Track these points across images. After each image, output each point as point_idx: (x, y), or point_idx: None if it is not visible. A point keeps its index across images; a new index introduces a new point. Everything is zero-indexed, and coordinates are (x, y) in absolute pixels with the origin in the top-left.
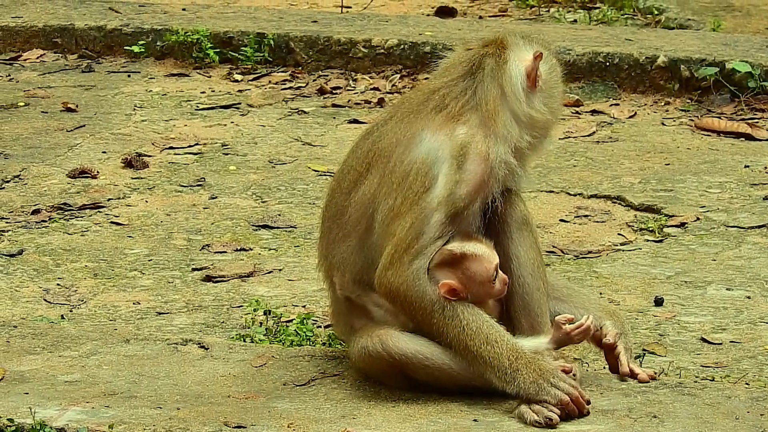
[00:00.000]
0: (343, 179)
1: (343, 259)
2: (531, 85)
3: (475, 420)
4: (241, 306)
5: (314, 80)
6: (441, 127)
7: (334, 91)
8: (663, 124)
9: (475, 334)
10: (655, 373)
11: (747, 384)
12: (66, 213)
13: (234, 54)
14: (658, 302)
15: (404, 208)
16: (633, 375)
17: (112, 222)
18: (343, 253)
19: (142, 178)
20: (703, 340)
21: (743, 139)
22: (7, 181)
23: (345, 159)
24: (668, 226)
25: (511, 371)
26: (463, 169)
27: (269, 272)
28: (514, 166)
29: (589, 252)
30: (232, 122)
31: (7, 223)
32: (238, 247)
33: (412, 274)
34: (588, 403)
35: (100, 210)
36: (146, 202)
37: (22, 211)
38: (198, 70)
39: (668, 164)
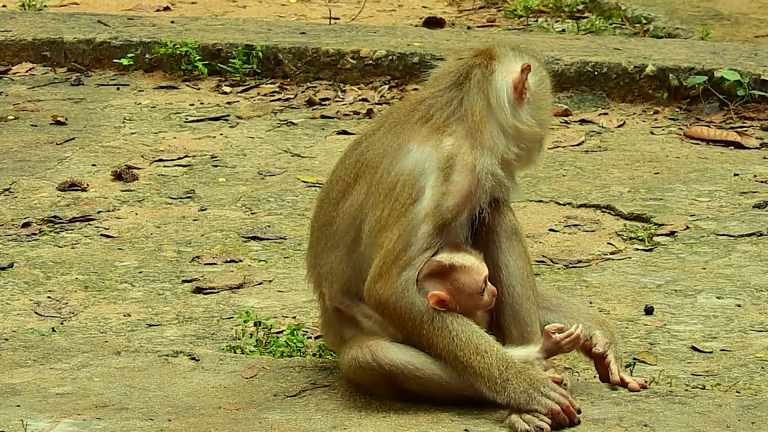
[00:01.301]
0: (331, 189)
1: (331, 269)
2: (518, 97)
3: (465, 430)
4: (232, 317)
5: (303, 92)
6: (427, 138)
7: (322, 103)
8: (652, 133)
9: (465, 344)
10: (646, 382)
11: (738, 392)
12: (56, 226)
13: (223, 66)
14: (648, 311)
15: (391, 220)
16: (624, 384)
17: (102, 234)
18: (331, 263)
19: (131, 191)
20: (694, 348)
21: (732, 147)
22: None
23: (334, 169)
24: (658, 235)
25: (501, 381)
26: (449, 181)
27: (259, 284)
28: (502, 177)
29: (579, 261)
30: (221, 134)
31: None
32: (228, 259)
33: (401, 285)
34: (579, 412)
35: (90, 223)
36: (136, 214)
37: (13, 225)
38: (187, 83)
39: (657, 173)
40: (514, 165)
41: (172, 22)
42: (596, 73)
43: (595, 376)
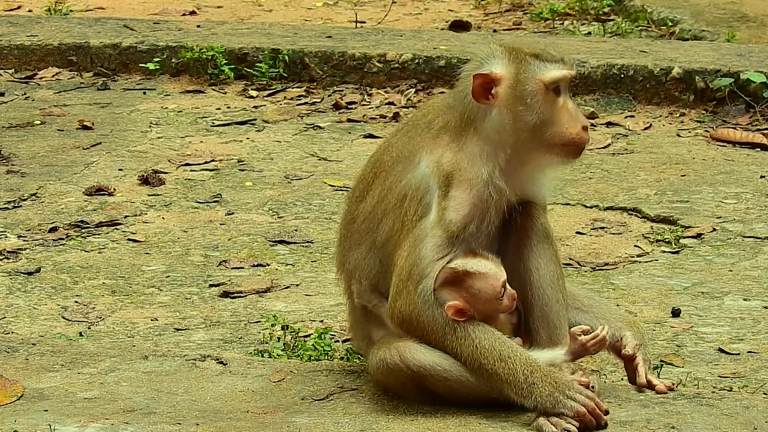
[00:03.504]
0: (355, 187)
1: (357, 265)
2: (484, 102)
3: None
4: (259, 321)
5: (329, 95)
6: (433, 149)
7: (349, 106)
8: (678, 135)
9: (488, 352)
10: (673, 384)
11: (765, 394)
12: (83, 230)
13: (249, 70)
14: (676, 313)
15: (402, 236)
16: (651, 386)
17: (129, 239)
18: (356, 260)
19: (158, 195)
20: (721, 350)
21: (759, 149)
22: (24, 200)
23: (362, 167)
24: (684, 237)
25: (527, 386)
26: (449, 197)
27: (286, 287)
28: (502, 185)
29: (606, 264)
30: (247, 138)
31: (24, 241)
32: (255, 263)
33: (420, 299)
34: (606, 413)
35: (117, 227)
36: (163, 218)
37: (40, 229)
38: (213, 87)
39: (684, 175)
40: (520, 169)
41: (198, 26)
42: (622, 75)
43: (622, 379)
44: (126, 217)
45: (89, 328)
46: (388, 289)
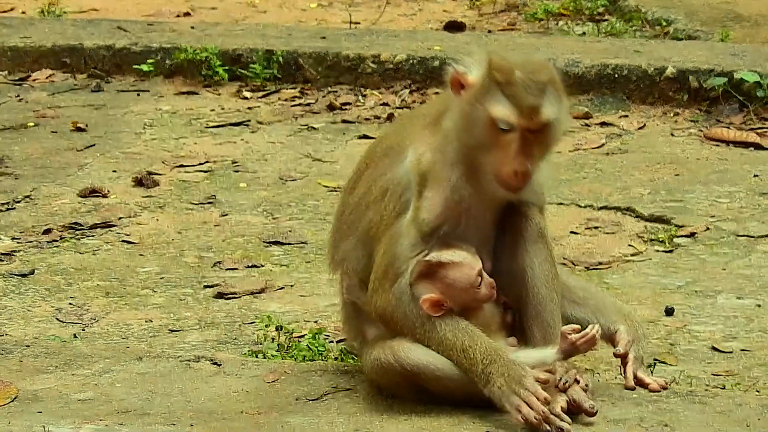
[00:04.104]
0: (350, 178)
1: (345, 255)
2: (457, 93)
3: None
4: (253, 322)
5: (323, 96)
6: (417, 146)
7: (343, 107)
8: (672, 135)
9: (453, 343)
10: (666, 382)
11: (758, 391)
12: (77, 232)
13: (243, 71)
14: (669, 312)
15: (381, 231)
16: (643, 385)
17: (123, 240)
18: (345, 250)
19: (152, 197)
20: (714, 348)
21: (752, 148)
22: (18, 201)
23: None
24: (678, 237)
25: (484, 375)
26: (423, 197)
27: (281, 288)
28: (465, 187)
29: (600, 263)
30: (242, 139)
31: (18, 243)
32: (250, 264)
33: (394, 296)
34: (594, 414)
35: (111, 229)
36: (157, 220)
37: (33, 231)
38: (207, 88)
39: (678, 175)
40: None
41: (192, 27)
42: (616, 75)
43: (616, 377)
44: (120, 218)
45: (83, 329)
46: None
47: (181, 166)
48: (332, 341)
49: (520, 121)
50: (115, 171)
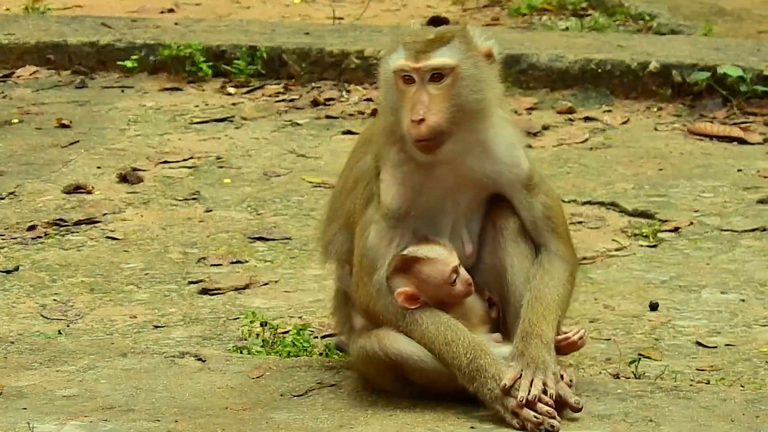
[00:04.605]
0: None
1: (331, 239)
2: None
3: (472, 427)
4: (238, 318)
5: (307, 92)
6: (376, 134)
7: (327, 103)
8: (656, 129)
9: (435, 336)
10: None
11: (742, 386)
12: (61, 229)
13: (227, 67)
14: (653, 307)
15: (355, 221)
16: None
17: (107, 237)
18: (331, 233)
19: (137, 193)
20: (698, 343)
21: (736, 143)
22: (2, 198)
23: None
24: (662, 231)
25: (469, 370)
26: (379, 179)
27: (265, 284)
28: (407, 162)
29: (584, 258)
30: (226, 135)
31: (2, 239)
32: (234, 260)
33: (374, 289)
34: (579, 410)
35: (96, 225)
36: (141, 216)
37: (18, 228)
38: (191, 84)
39: (661, 169)
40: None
41: (176, 23)
42: (600, 70)
43: (600, 372)
44: (104, 214)
45: (68, 326)
46: None
47: (166, 162)
48: (317, 337)
49: (410, 63)
50: (99, 167)
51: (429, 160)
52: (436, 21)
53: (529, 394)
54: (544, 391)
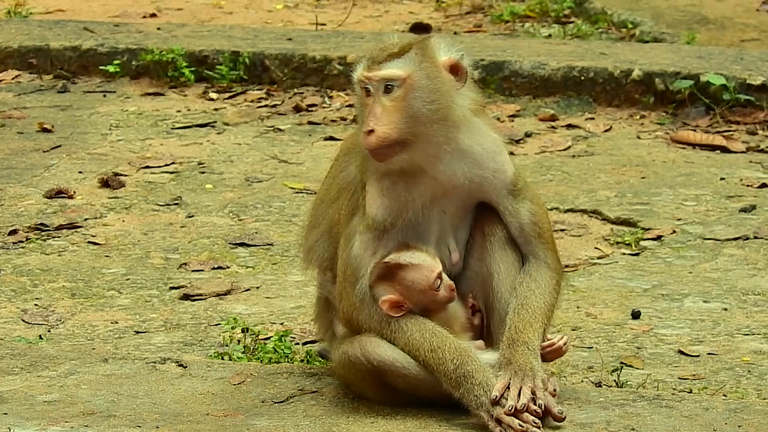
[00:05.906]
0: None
1: (312, 246)
2: None
3: None
4: (219, 324)
5: (290, 98)
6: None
7: (309, 109)
8: (638, 137)
9: (420, 343)
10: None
11: (725, 396)
12: (43, 233)
13: (209, 72)
14: (635, 315)
15: (339, 230)
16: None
17: (89, 242)
18: (313, 240)
19: (118, 198)
20: (681, 352)
21: (719, 151)
22: None
23: None
24: (645, 239)
25: (455, 376)
26: (365, 191)
27: (247, 290)
28: (389, 173)
29: (566, 266)
30: (208, 141)
31: None
32: (216, 266)
33: (357, 299)
34: (563, 419)
35: (77, 230)
36: (123, 221)
37: None
38: (173, 89)
39: (644, 177)
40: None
41: (159, 28)
42: (583, 77)
43: (582, 380)
44: (86, 219)
45: (49, 331)
46: None
47: (147, 167)
48: (298, 343)
49: (365, 73)
50: (81, 172)
51: (382, 168)
52: (419, 27)
53: (518, 402)
54: (533, 400)
